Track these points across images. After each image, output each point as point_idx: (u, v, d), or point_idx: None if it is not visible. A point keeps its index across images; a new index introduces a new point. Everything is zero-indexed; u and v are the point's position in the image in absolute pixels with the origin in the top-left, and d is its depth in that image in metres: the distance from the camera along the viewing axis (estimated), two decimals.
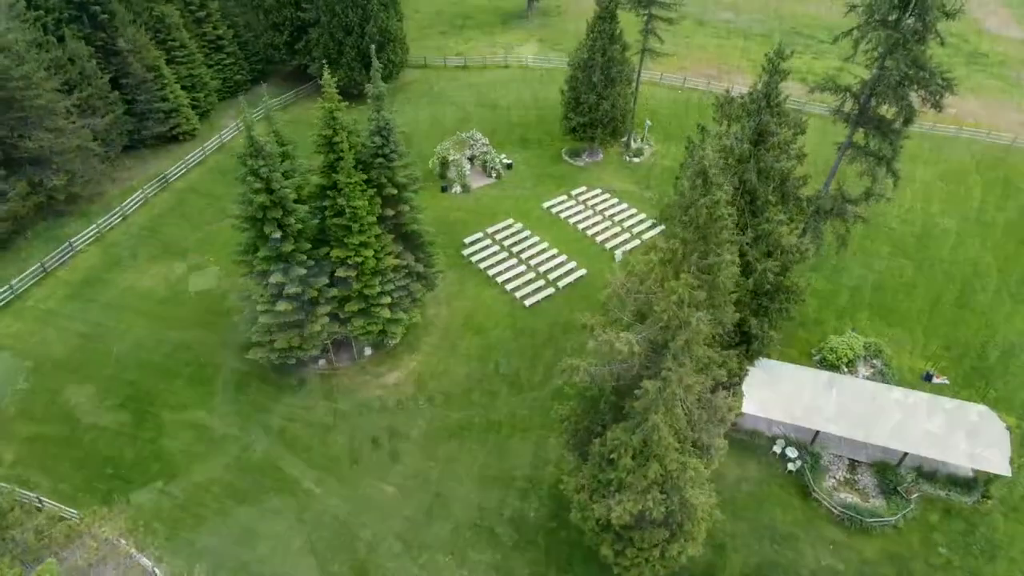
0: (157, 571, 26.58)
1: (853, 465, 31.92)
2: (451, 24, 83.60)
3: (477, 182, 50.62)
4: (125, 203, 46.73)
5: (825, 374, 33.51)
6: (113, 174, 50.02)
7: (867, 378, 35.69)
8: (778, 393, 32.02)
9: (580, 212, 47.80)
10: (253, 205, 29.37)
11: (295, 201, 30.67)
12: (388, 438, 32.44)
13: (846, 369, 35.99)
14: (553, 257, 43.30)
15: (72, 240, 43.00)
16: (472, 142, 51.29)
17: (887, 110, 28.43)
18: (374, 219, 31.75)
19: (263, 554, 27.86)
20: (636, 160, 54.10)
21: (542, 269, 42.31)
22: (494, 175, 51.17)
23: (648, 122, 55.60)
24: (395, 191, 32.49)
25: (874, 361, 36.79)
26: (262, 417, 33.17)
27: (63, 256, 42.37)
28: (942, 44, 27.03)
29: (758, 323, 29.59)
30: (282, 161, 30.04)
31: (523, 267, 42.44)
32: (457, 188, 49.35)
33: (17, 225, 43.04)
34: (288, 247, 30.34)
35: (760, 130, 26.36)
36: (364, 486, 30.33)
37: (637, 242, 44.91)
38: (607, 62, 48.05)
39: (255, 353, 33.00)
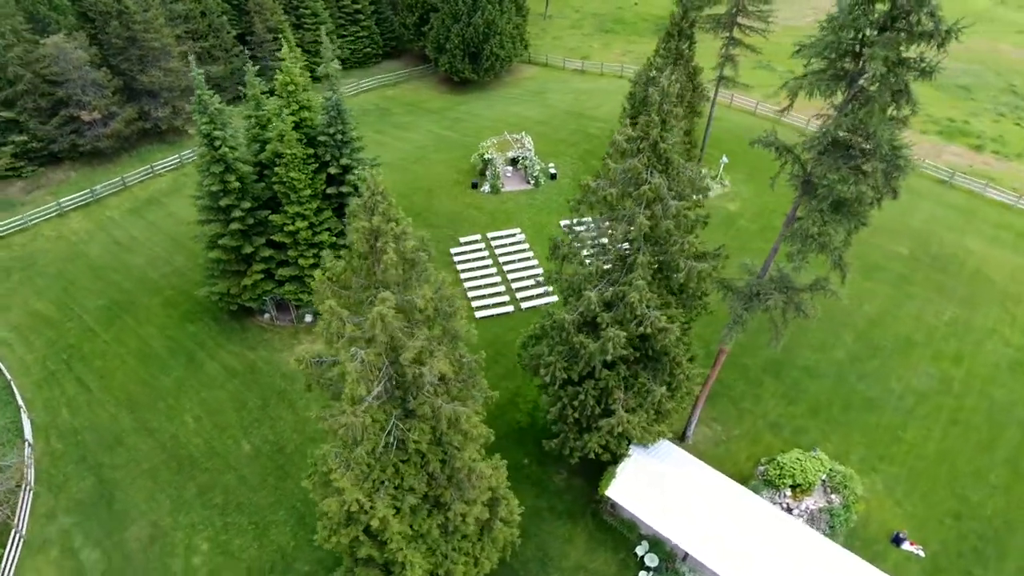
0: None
1: None
2: (599, 27, 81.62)
3: (512, 186, 49.39)
4: None
5: (732, 485, 27.72)
6: None
7: (813, 512, 28.82)
8: (657, 488, 27.26)
9: None
10: (203, 158, 32.12)
11: (244, 162, 32.91)
12: (276, 402, 33.68)
13: (789, 493, 29.33)
14: (535, 276, 40.94)
15: (155, 164, 50.49)
16: (519, 144, 50.06)
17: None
18: (310, 193, 32.81)
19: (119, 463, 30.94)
20: (696, 197, 48.49)
21: (515, 286, 40.26)
22: (532, 182, 49.50)
23: (724, 158, 49.51)
24: (339, 171, 33.20)
25: (832, 496, 29.47)
26: (193, 349, 36.35)
27: (143, 176, 49.97)
28: (912, 111, 20.08)
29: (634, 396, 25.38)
30: (265, 124, 32.09)
31: (497, 278, 40.76)
32: (487, 188, 48.65)
33: (122, 143, 51.53)
34: (226, 201, 32.69)
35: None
36: (226, 437, 31.95)
37: None
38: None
39: (202, 291, 36.24)
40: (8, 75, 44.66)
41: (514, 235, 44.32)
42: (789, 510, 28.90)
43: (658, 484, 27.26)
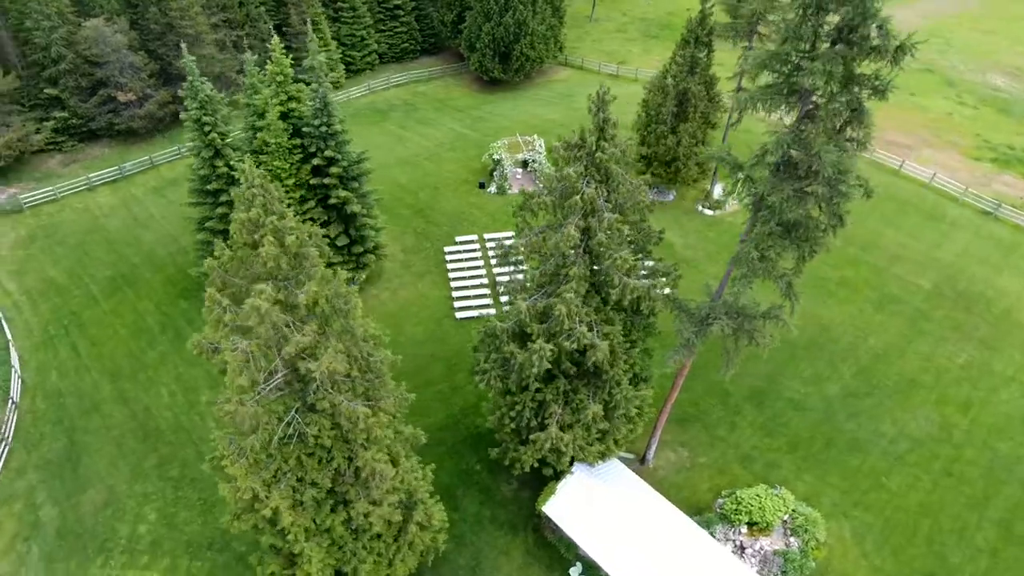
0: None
1: None
2: (644, 32, 79.80)
3: (521, 188, 48.87)
4: None
5: (678, 516, 26.37)
6: None
7: (767, 553, 27.15)
8: (595, 510, 26.24)
9: None
10: (193, 142, 33.21)
11: (236, 148, 33.82)
12: None
13: (744, 531, 27.71)
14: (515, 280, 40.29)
15: (182, 146, 52.69)
16: (529, 146, 49.46)
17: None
18: (294, 182, 33.36)
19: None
20: (709, 212, 46.76)
21: (501, 288, 39.68)
22: (542, 185, 48.66)
23: (741, 173, 47.17)
24: (324, 162, 33.62)
25: (791, 539, 27.63)
26: (182, 326, 37.62)
27: (171, 157, 52.21)
28: (865, 134, 18.21)
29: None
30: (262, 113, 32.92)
31: (485, 279, 40.40)
32: (493, 188, 48.31)
33: (155, 124, 53.97)
34: (214, 185, 33.68)
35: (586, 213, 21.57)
36: (194, 413, 32.87)
37: None
38: (681, 93, 42.22)
39: (193, 270, 37.51)
40: (52, 55, 47.57)
41: (510, 238, 43.75)
42: (742, 549, 27.33)
43: (597, 506, 26.23)
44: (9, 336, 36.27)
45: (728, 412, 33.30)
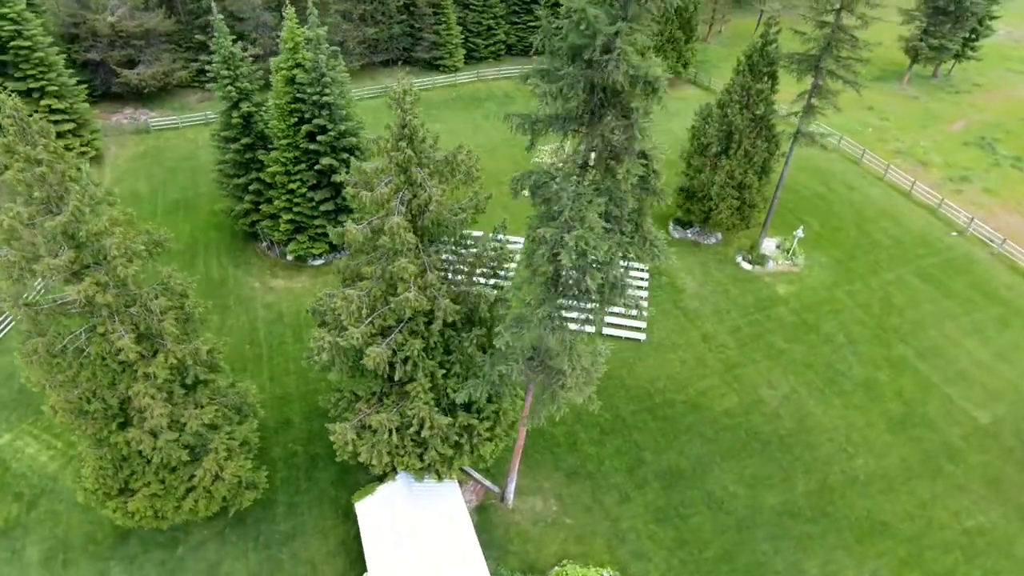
0: None
1: None
2: None
3: None
4: None
5: (475, 558, 24.20)
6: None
7: None
8: (402, 524, 25.11)
9: None
10: (216, 93, 37.27)
11: (257, 105, 37.27)
12: (223, 312, 38.02)
13: None
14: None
15: None
16: None
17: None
18: (287, 142, 35.82)
19: None
20: (747, 266, 41.01)
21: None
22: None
23: (800, 231, 40.56)
24: (315, 129, 35.57)
25: None
26: (200, 252, 42.38)
27: None
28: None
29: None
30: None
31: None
32: (527, 192, 46.92)
33: None
34: (228, 134, 37.53)
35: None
36: None
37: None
38: (728, 125, 37.41)
39: (216, 205, 42.15)
40: (203, 5, 55.88)
41: (517, 243, 42.49)
42: None
43: (401, 519, 25.10)
44: None
45: (630, 481, 29.48)
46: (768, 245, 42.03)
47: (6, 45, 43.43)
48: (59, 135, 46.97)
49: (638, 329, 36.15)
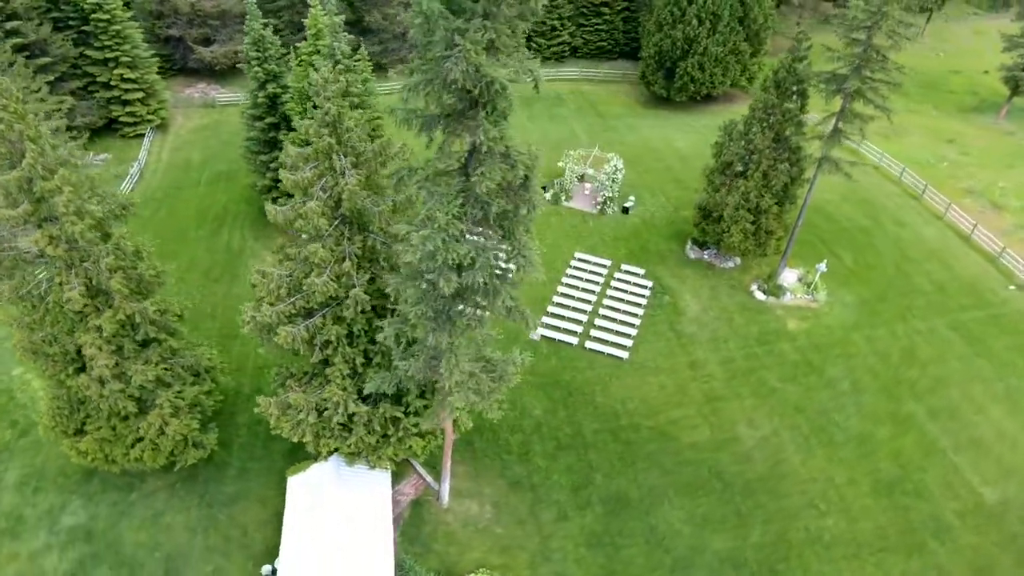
0: None
1: None
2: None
3: (579, 204, 46.08)
4: None
5: (386, 551, 24.25)
6: None
7: None
8: (325, 504, 25.52)
9: (593, 287, 38.88)
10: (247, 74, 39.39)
11: (283, 87, 39.07)
12: (230, 278, 40.16)
13: None
14: None
15: None
16: (601, 163, 45.98)
17: None
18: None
19: None
20: (760, 296, 38.49)
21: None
22: (598, 208, 45.31)
23: (823, 265, 37.48)
24: None
25: None
26: (228, 221, 44.92)
27: None
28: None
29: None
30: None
31: None
32: (548, 196, 46.37)
33: None
34: (252, 112, 39.54)
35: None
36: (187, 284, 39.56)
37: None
38: (748, 143, 35.28)
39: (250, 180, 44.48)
40: None
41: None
42: None
43: (326, 500, 25.46)
44: (131, 188, 47.74)
45: (572, 500, 28.54)
46: (789, 276, 39.23)
47: (88, 17, 47.84)
48: (127, 103, 51.35)
49: (621, 347, 34.80)
